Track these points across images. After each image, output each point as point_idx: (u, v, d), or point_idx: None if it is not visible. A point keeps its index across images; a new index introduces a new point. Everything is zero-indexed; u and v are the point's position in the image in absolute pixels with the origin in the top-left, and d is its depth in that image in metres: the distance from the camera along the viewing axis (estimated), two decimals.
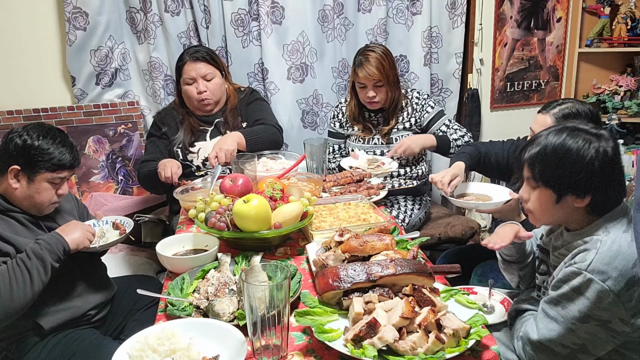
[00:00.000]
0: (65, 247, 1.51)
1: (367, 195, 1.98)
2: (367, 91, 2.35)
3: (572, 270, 1.23)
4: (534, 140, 1.33)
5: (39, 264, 1.45)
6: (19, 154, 1.54)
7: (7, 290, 1.41)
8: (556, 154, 1.27)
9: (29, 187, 1.56)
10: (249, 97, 2.49)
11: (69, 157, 1.59)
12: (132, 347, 1.11)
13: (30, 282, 1.44)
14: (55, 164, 1.56)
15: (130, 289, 1.80)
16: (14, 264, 1.44)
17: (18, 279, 1.42)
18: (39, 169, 1.55)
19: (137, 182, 2.81)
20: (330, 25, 2.84)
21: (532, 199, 1.35)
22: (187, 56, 2.34)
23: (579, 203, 1.27)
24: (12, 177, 1.54)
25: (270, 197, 1.59)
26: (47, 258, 1.47)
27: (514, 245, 1.49)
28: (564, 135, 1.28)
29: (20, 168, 1.54)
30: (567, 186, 1.27)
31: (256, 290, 1.05)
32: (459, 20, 3.00)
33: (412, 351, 1.04)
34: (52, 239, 1.50)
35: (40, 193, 1.57)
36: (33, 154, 1.54)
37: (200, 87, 2.31)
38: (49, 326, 1.58)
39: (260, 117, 2.40)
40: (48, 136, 1.57)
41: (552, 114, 1.74)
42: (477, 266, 1.96)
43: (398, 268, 1.19)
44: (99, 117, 2.71)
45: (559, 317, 1.25)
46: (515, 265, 1.55)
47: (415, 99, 2.47)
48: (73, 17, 2.54)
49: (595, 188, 1.25)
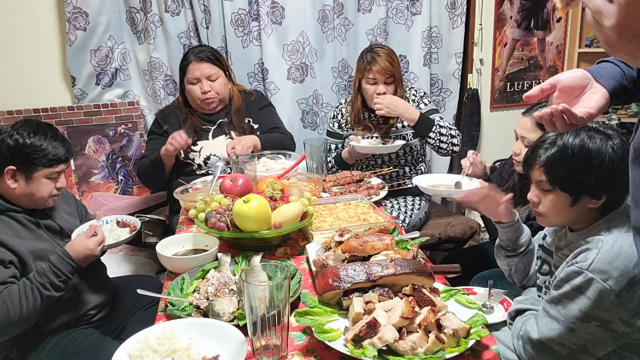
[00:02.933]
0: (75, 267, 1.53)
1: (367, 195, 1.98)
2: (378, 87, 2.35)
3: (573, 269, 1.23)
4: (545, 142, 1.32)
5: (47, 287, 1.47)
6: (13, 155, 1.53)
7: (17, 310, 1.43)
8: (577, 158, 1.25)
9: (28, 185, 1.56)
10: (261, 102, 2.53)
11: (63, 150, 1.60)
12: (132, 347, 1.11)
13: (41, 302, 1.46)
14: (51, 159, 1.57)
15: (130, 289, 1.81)
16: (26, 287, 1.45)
17: (29, 300, 1.44)
18: (35, 166, 1.55)
19: (137, 182, 2.81)
20: (330, 25, 2.84)
21: (545, 202, 1.34)
22: (192, 56, 2.35)
23: (594, 204, 1.27)
24: (9, 178, 1.54)
25: (270, 197, 1.59)
26: (55, 282, 1.48)
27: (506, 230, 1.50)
28: (581, 136, 1.26)
29: (16, 168, 1.54)
30: (585, 188, 1.26)
31: (256, 290, 1.05)
32: (458, 20, 3.00)
33: (412, 351, 1.04)
34: (62, 262, 1.50)
35: (40, 189, 1.58)
36: (28, 153, 1.53)
37: (205, 87, 2.33)
38: (49, 326, 1.58)
39: (277, 125, 2.48)
40: (39, 132, 1.57)
41: (533, 116, 1.73)
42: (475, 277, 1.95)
43: (398, 268, 1.19)
44: (99, 117, 2.71)
45: (559, 316, 1.25)
46: (503, 252, 1.56)
47: (412, 96, 2.48)
48: (73, 17, 2.54)
49: (611, 187, 1.25)
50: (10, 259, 1.49)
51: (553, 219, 1.36)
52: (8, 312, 1.42)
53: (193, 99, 2.37)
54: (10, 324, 1.44)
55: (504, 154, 2.64)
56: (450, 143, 2.31)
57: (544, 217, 1.37)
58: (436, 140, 2.29)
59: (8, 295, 1.43)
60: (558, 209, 1.32)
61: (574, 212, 1.31)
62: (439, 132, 2.28)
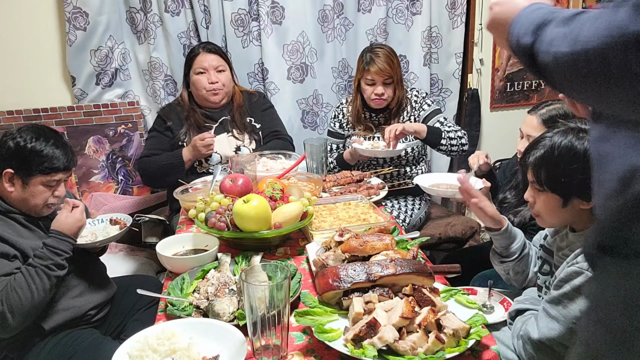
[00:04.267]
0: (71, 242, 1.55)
1: (367, 195, 1.98)
2: (376, 88, 2.35)
3: (573, 269, 1.22)
4: (537, 143, 1.32)
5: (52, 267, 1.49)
6: (12, 157, 1.53)
7: (29, 295, 1.45)
8: (561, 159, 1.25)
9: (24, 191, 1.55)
10: (264, 103, 2.56)
11: (64, 159, 1.58)
12: (132, 347, 1.11)
13: (49, 283, 1.48)
14: (48, 167, 1.55)
15: (130, 289, 1.80)
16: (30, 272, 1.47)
17: (37, 284, 1.46)
18: (32, 172, 1.54)
19: (137, 182, 2.81)
20: (330, 25, 2.83)
21: (539, 203, 1.34)
22: (200, 48, 2.40)
23: (585, 206, 1.27)
24: (7, 181, 1.54)
25: (270, 197, 1.59)
26: (58, 261, 1.50)
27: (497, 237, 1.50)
28: (569, 137, 1.26)
29: (14, 171, 1.53)
30: (573, 191, 1.26)
31: (256, 290, 1.05)
32: (458, 20, 3.00)
33: (412, 351, 1.04)
34: (58, 242, 1.52)
35: (35, 196, 1.56)
36: (26, 157, 1.53)
37: (212, 78, 2.35)
38: (49, 326, 1.58)
39: (278, 129, 2.51)
40: (41, 138, 1.56)
41: (539, 114, 1.74)
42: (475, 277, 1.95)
43: (398, 268, 1.19)
44: (99, 117, 2.71)
45: (560, 316, 1.25)
46: (497, 257, 1.56)
47: (414, 97, 2.47)
48: (73, 17, 2.54)
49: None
50: (14, 253, 1.49)
51: (549, 219, 1.36)
52: (20, 299, 1.43)
53: (199, 90, 2.37)
54: (24, 311, 1.45)
55: (504, 154, 2.65)
56: (460, 144, 2.32)
57: (540, 217, 1.37)
58: (447, 146, 2.29)
59: (16, 283, 1.44)
60: (550, 210, 1.32)
61: (568, 213, 1.30)
62: (448, 137, 2.29)
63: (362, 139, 2.39)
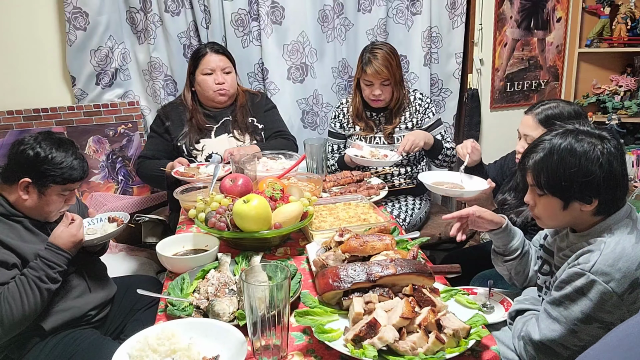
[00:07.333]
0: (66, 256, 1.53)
1: (367, 195, 1.98)
2: (374, 89, 2.34)
3: (575, 271, 1.22)
4: (536, 146, 1.31)
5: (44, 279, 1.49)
6: (30, 167, 1.52)
7: (19, 306, 1.45)
8: (561, 162, 1.24)
9: (40, 199, 1.55)
10: (267, 104, 2.55)
11: (80, 171, 1.59)
12: (132, 347, 1.11)
13: (40, 295, 1.47)
14: (66, 178, 1.55)
15: (130, 289, 1.80)
16: (23, 282, 1.46)
17: (28, 295, 1.46)
18: (49, 182, 1.53)
19: (137, 182, 2.81)
20: (330, 25, 2.83)
21: (539, 205, 1.33)
22: (207, 48, 2.39)
23: (586, 208, 1.27)
24: (21, 189, 1.53)
25: (270, 197, 1.59)
26: (50, 274, 1.49)
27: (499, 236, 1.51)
28: (568, 139, 1.25)
29: (31, 181, 1.52)
30: (573, 194, 1.25)
31: (256, 290, 1.05)
32: (459, 20, 3.00)
33: (412, 351, 1.04)
34: (53, 255, 1.51)
35: (49, 204, 1.57)
36: (45, 168, 1.52)
37: (220, 79, 2.35)
38: (49, 326, 1.58)
39: (281, 129, 2.51)
40: (61, 149, 1.55)
41: (535, 113, 1.74)
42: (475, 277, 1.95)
43: (398, 268, 1.19)
44: (99, 117, 2.71)
45: (561, 317, 1.25)
46: (500, 257, 1.56)
47: (418, 100, 2.46)
48: (73, 17, 2.54)
49: (601, 192, 1.23)
50: (13, 261, 1.49)
51: (549, 221, 1.36)
52: (11, 309, 1.44)
53: (206, 90, 2.37)
54: (14, 322, 1.46)
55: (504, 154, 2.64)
56: (450, 161, 2.47)
57: (540, 219, 1.37)
58: (441, 161, 2.45)
59: (9, 293, 1.44)
60: (551, 213, 1.32)
61: (568, 215, 1.30)
62: (445, 154, 2.42)
63: (362, 141, 2.38)
